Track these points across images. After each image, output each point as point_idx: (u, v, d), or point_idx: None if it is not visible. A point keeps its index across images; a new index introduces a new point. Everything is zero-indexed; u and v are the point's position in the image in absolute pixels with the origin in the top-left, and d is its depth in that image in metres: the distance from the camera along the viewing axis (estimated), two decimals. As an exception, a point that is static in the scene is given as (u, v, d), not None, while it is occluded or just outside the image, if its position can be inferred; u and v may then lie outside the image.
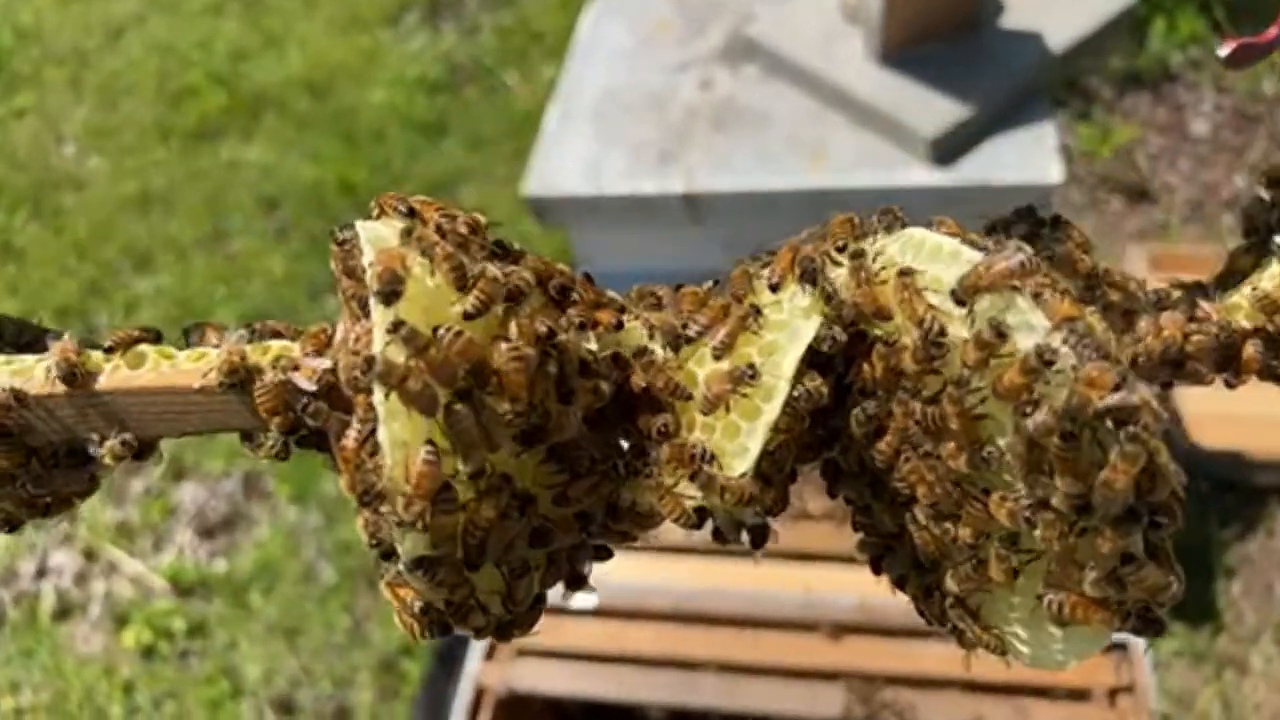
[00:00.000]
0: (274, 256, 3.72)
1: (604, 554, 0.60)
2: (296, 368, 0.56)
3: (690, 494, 0.52)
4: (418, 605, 0.54)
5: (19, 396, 0.57)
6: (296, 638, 2.88)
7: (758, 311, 0.55)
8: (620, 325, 0.57)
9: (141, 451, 0.61)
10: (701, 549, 1.97)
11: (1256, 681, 2.51)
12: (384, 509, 0.49)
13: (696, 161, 2.18)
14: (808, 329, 0.53)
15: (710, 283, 0.60)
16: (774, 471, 0.52)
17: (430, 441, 0.48)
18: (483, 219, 0.58)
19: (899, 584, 0.58)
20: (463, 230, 0.55)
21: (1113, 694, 1.65)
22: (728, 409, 0.52)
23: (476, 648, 1.80)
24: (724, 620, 1.79)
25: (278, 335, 0.61)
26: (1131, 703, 1.62)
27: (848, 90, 2.14)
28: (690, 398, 0.54)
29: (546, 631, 1.73)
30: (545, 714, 1.89)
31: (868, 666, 1.70)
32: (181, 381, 0.57)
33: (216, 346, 0.61)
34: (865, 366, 0.53)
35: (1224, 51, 0.55)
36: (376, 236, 0.53)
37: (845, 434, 0.55)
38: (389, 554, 0.52)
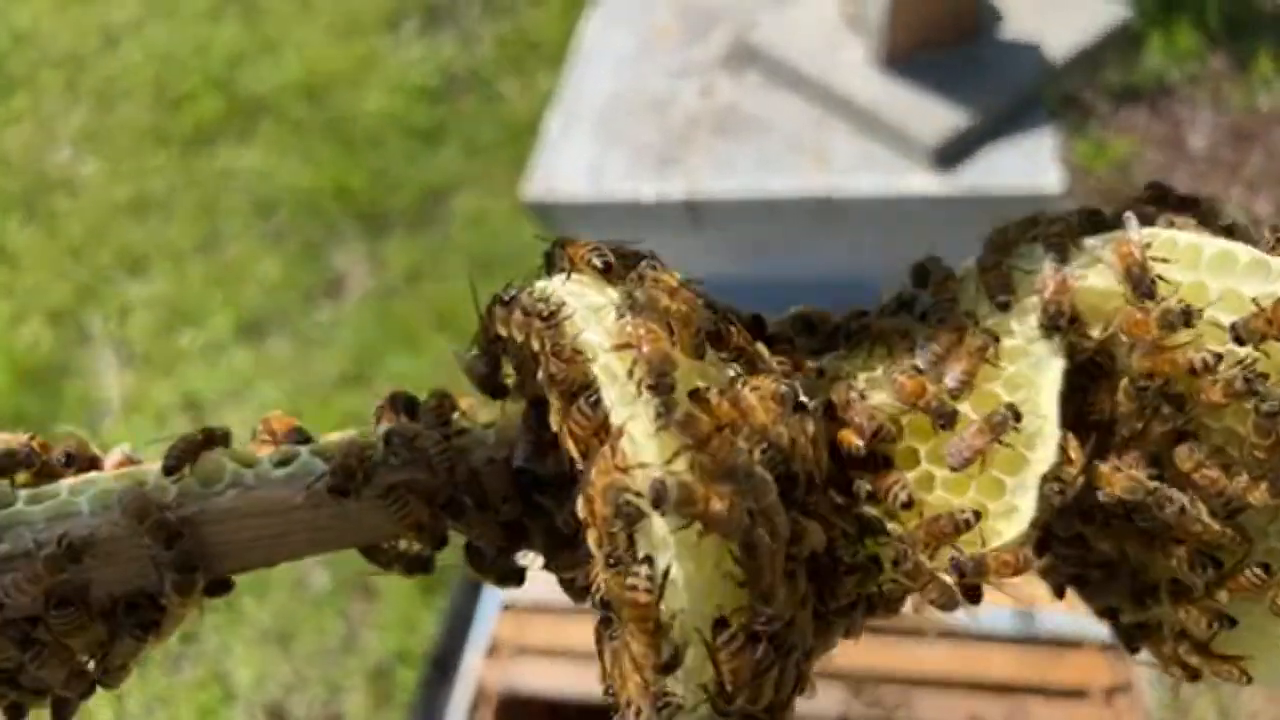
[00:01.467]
0: (270, 261, 3.71)
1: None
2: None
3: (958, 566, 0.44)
4: None
5: (73, 549, 0.46)
6: (289, 644, 2.86)
7: (995, 339, 0.47)
8: (822, 372, 0.49)
9: (215, 588, 0.51)
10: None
11: (1253, 690, 2.51)
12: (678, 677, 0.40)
13: (698, 166, 2.18)
14: (1055, 357, 0.46)
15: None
16: (1065, 503, 0.44)
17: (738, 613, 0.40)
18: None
19: (1106, 614, 0.53)
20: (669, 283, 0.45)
21: (1109, 693, 1.65)
22: (983, 464, 0.44)
23: (476, 647, 1.79)
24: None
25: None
26: (1128, 702, 1.62)
27: (849, 97, 2.15)
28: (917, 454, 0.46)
29: (548, 631, 1.72)
30: (544, 714, 1.87)
31: (866, 666, 1.70)
32: (278, 496, 0.47)
33: (300, 440, 0.50)
34: (1106, 397, 0.46)
35: None
36: (592, 306, 0.44)
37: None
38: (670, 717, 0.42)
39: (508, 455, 0.48)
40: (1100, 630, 1.71)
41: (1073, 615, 1.73)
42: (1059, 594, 0.54)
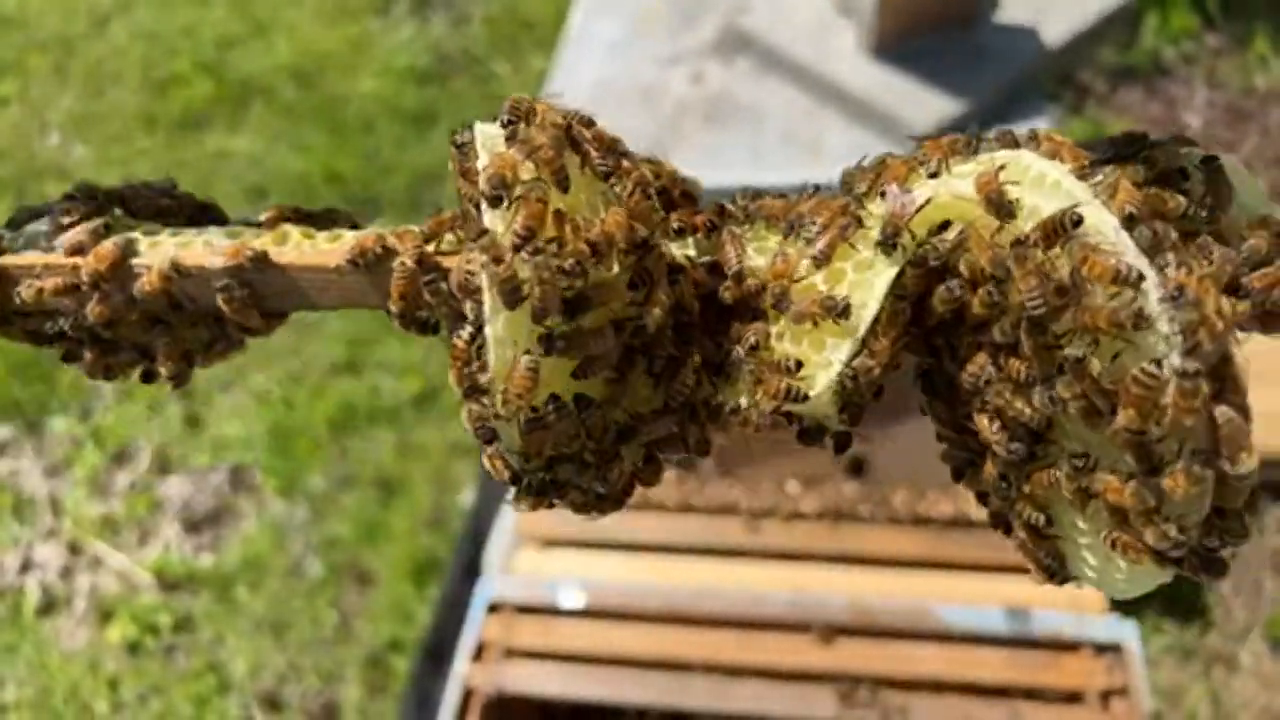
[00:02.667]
0: (261, 248, 3.69)
1: (703, 447, 0.61)
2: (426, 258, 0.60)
3: (773, 402, 0.54)
4: (508, 475, 0.58)
5: (179, 268, 0.64)
6: (284, 633, 2.86)
7: (859, 223, 0.56)
8: (713, 229, 0.59)
9: (271, 315, 0.67)
10: (691, 549, 1.96)
11: (1245, 678, 2.51)
12: (485, 401, 0.54)
13: (687, 155, 2.16)
14: (891, 264, 0.54)
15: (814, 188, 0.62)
16: (858, 387, 0.53)
17: (529, 351, 0.52)
18: (592, 117, 0.60)
19: (979, 498, 0.59)
20: (575, 129, 0.57)
21: (1105, 696, 1.64)
22: (816, 324, 0.54)
23: (465, 648, 1.78)
24: (715, 621, 1.78)
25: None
26: (1124, 705, 1.61)
27: (841, 84, 2.12)
28: (784, 308, 0.55)
29: (535, 632, 1.71)
30: (533, 716, 1.87)
31: (859, 668, 1.69)
32: (320, 261, 0.62)
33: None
34: (945, 291, 0.53)
35: None
36: (489, 137, 0.57)
37: (938, 351, 0.56)
38: (490, 439, 0.56)
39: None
40: (1096, 632, 1.70)
41: (1068, 616, 1.72)
42: (956, 478, 0.60)
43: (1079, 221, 0.48)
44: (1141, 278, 0.45)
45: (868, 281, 0.54)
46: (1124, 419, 0.44)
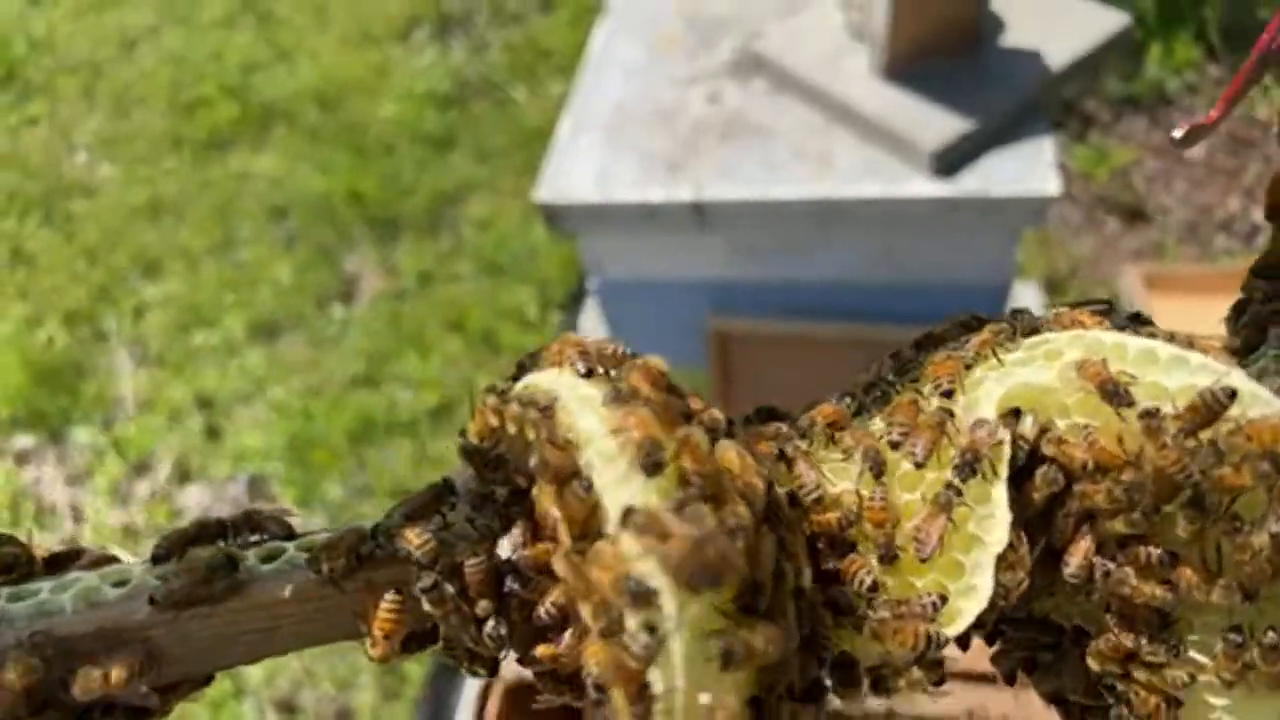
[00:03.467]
0: (282, 265, 3.77)
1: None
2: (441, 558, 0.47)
3: (912, 654, 0.46)
4: None
5: (47, 648, 0.47)
6: (300, 639, 2.90)
7: (950, 415, 0.50)
8: (783, 456, 0.50)
9: (197, 686, 0.53)
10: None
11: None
12: None
13: (704, 171, 2.23)
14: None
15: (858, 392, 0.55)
16: (1009, 604, 0.47)
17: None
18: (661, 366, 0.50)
19: (1054, 699, 0.54)
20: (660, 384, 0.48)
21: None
22: (941, 547, 0.47)
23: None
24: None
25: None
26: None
27: (853, 105, 2.20)
28: (893, 553, 0.48)
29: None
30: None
31: (869, 659, 1.73)
32: (266, 591, 0.49)
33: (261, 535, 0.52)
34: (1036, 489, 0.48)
35: (1178, 133, 0.58)
36: (584, 397, 0.47)
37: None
38: None
39: (490, 548, 0.50)
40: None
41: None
42: (1010, 680, 0.55)
43: (1233, 394, 0.45)
44: None
45: (984, 492, 0.48)
46: None
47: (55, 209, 4.13)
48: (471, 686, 1.78)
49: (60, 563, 0.54)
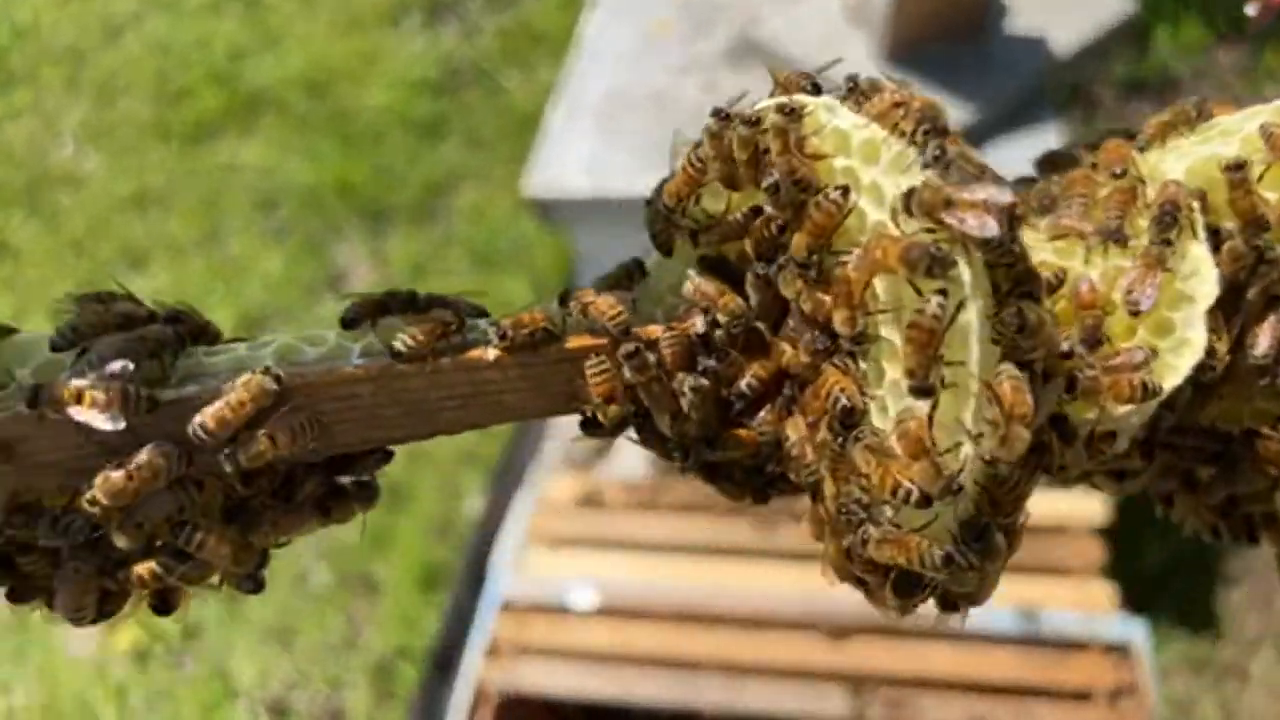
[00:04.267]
0: (271, 256, 3.71)
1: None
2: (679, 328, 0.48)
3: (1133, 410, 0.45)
4: (938, 555, 0.44)
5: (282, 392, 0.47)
6: (291, 641, 2.86)
7: (1141, 181, 0.50)
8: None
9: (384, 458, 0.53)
10: (702, 549, 1.96)
11: (1256, 690, 2.50)
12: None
13: (700, 162, 2.18)
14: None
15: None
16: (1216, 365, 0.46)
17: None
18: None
19: (1219, 510, 0.53)
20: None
21: (1114, 696, 1.65)
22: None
23: (477, 647, 1.78)
24: (726, 620, 1.78)
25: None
26: (1133, 704, 1.62)
27: (852, 92, 2.14)
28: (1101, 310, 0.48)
29: (548, 631, 1.71)
30: (544, 714, 1.87)
31: (870, 667, 1.69)
32: (467, 355, 0.48)
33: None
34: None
35: (1251, 10, 0.56)
36: (830, 104, 0.47)
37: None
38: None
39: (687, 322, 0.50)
40: (1105, 632, 1.70)
41: (1077, 616, 1.72)
42: (1167, 502, 0.54)
43: None
44: None
45: (1184, 249, 0.47)
46: None
47: (40, 200, 4.06)
48: (462, 697, 1.74)
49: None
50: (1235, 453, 0.51)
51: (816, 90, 0.49)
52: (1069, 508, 1.95)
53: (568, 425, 2.83)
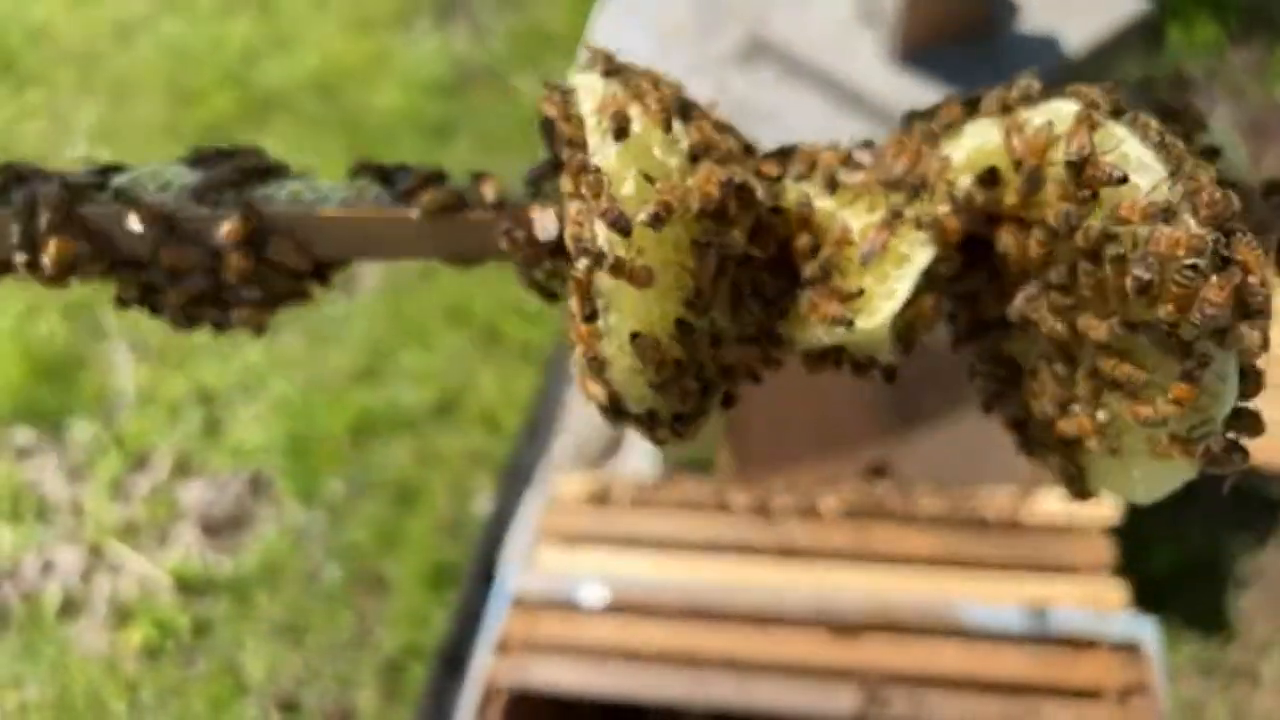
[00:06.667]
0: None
1: (756, 378, 0.62)
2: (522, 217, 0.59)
3: (831, 334, 0.55)
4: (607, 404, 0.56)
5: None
6: (301, 637, 2.88)
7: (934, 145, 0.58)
8: (781, 178, 0.61)
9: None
10: (712, 547, 1.97)
11: (1267, 692, 2.50)
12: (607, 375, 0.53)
13: (710, 161, 2.18)
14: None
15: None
16: (926, 310, 0.55)
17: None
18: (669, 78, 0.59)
19: (1013, 425, 0.61)
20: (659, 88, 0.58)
21: (1124, 694, 1.65)
22: (882, 257, 0.55)
23: (486, 644, 1.80)
24: (735, 618, 1.79)
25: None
26: (1143, 703, 1.62)
27: (863, 91, 2.14)
28: (851, 243, 0.57)
29: (558, 627, 1.72)
30: (554, 712, 1.88)
31: (879, 664, 1.70)
32: (393, 214, 0.62)
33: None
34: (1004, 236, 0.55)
35: None
36: (591, 84, 0.57)
37: (981, 290, 0.58)
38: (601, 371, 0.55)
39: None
40: (1115, 630, 1.71)
41: (1087, 614, 1.73)
42: (987, 409, 0.62)
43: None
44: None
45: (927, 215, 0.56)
46: (1163, 313, 0.45)
47: (53, 200, 4.09)
48: (471, 694, 1.75)
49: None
50: (1016, 381, 0.59)
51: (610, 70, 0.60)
52: (1079, 507, 1.96)
53: (577, 424, 2.84)
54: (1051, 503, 1.94)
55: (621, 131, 0.52)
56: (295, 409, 3.32)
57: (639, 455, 3.01)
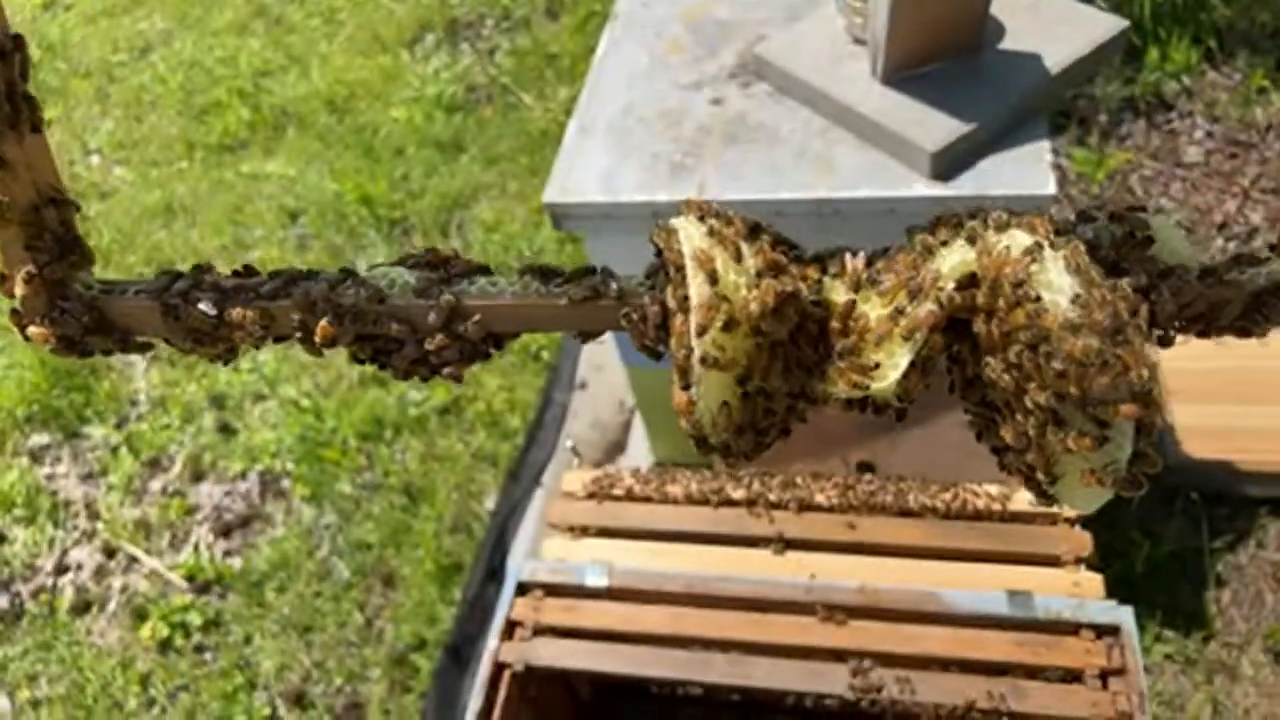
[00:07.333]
0: (294, 265, 3.82)
1: (802, 419, 0.78)
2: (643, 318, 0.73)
3: (853, 394, 0.72)
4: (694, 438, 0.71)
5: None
6: (310, 633, 2.95)
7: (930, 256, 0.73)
8: (820, 278, 0.76)
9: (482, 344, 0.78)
10: (711, 537, 2.05)
11: (1246, 687, 2.57)
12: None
13: (708, 173, 2.28)
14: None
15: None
16: (918, 377, 0.71)
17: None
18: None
19: (995, 451, 0.76)
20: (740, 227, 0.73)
21: (1104, 676, 1.73)
22: (890, 339, 0.71)
23: (494, 628, 1.87)
24: (733, 603, 1.87)
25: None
26: (1122, 684, 1.69)
27: (853, 108, 2.24)
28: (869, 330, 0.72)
29: (563, 612, 1.81)
30: (558, 688, 1.96)
31: (869, 647, 1.78)
32: (549, 303, 0.75)
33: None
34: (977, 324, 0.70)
35: None
36: (686, 230, 0.72)
37: (966, 358, 0.74)
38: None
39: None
40: (1095, 615, 1.79)
41: (1068, 601, 1.81)
42: (978, 438, 0.77)
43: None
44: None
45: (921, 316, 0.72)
46: (1074, 390, 0.63)
47: (70, 211, 4.18)
48: (483, 669, 1.83)
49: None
50: (994, 420, 0.75)
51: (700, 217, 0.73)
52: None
53: (579, 426, 2.91)
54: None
55: (711, 276, 0.69)
56: (306, 412, 3.41)
57: (639, 456, 3.10)
